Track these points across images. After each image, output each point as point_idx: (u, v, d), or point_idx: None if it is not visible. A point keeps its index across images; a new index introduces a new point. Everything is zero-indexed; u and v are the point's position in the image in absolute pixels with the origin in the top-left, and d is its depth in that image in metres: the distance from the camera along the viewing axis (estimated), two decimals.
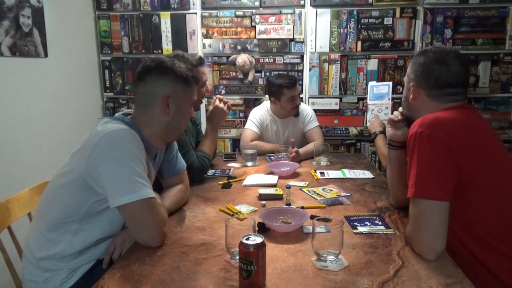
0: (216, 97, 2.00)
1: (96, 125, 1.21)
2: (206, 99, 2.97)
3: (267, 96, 2.57)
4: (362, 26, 2.84)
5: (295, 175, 1.92)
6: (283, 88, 2.37)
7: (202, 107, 2.92)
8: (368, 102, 2.16)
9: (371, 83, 2.18)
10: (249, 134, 2.46)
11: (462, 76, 1.22)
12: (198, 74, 1.83)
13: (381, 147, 1.97)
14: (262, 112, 2.53)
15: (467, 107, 1.22)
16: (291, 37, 2.89)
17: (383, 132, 2.05)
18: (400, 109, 1.42)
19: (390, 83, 2.12)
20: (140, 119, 1.27)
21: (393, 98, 2.03)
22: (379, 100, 2.11)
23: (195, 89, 1.35)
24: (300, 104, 2.49)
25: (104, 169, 1.10)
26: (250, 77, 2.96)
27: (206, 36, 2.95)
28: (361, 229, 1.25)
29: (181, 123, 1.34)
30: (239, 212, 1.42)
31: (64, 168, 1.21)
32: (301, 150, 2.25)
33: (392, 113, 1.42)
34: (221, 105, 1.97)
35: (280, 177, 1.86)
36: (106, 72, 3.05)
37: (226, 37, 2.94)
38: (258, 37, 2.90)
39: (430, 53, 1.25)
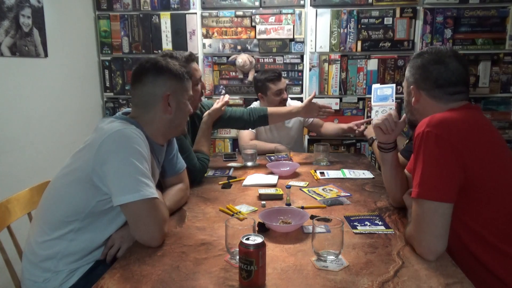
0: (225, 99, 2.03)
1: (101, 124, 1.22)
2: (206, 98, 2.97)
3: None
4: (362, 26, 2.84)
5: (295, 175, 1.92)
6: (268, 82, 2.40)
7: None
8: (372, 103, 2.17)
9: (374, 85, 2.18)
10: (246, 134, 2.47)
11: (462, 74, 1.21)
12: (191, 70, 1.84)
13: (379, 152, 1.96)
14: None
15: (472, 107, 1.22)
16: (291, 37, 2.89)
17: None
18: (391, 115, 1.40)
19: (394, 85, 2.13)
20: (141, 119, 1.29)
21: (396, 99, 2.03)
22: (383, 101, 2.12)
23: (190, 84, 1.40)
24: (287, 98, 2.51)
25: (109, 167, 1.11)
26: (250, 77, 2.96)
27: (206, 36, 2.95)
28: (361, 229, 1.25)
29: (183, 119, 1.38)
30: (239, 212, 1.42)
31: (68, 167, 1.22)
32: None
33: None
34: (218, 105, 2.01)
35: (280, 177, 1.86)
36: (106, 72, 3.05)
37: (226, 37, 2.94)
38: (258, 37, 2.91)
39: (427, 55, 1.25)
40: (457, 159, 1.06)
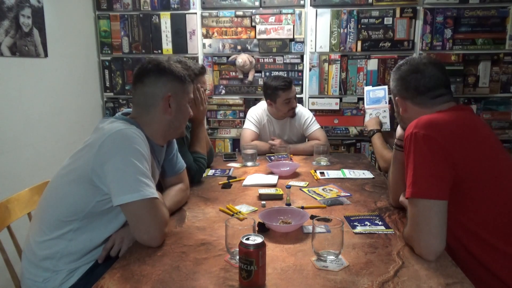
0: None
1: (101, 124, 1.23)
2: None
3: None
4: (362, 26, 2.84)
5: (295, 175, 1.92)
6: (278, 90, 2.37)
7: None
8: (366, 106, 2.17)
9: (366, 88, 2.19)
10: (248, 134, 2.46)
11: (439, 77, 1.26)
12: (199, 82, 1.83)
13: (379, 146, 1.97)
14: (259, 111, 2.54)
15: (462, 108, 1.24)
16: (291, 37, 2.89)
17: (380, 130, 2.06)
18: None
19: (386, 87, 2.13)
20: (141, 119, 1.29)
21: (390, 101, 2.04)
22: (376, 104, 2.12)
23: (192, 87, 1.40)
24: (296, 106, 2.49)
25: (109, 167, 1.11)
26: (250, 77, 2.96)
27: (206, 36, 2.95)
28: (361, 229, 1.25)
29: (182, 121, 1.38)
30: (239, 212, 1.42)
31: (68, 167, 1.22)
32: (293, 146, 2.38)
33: (389, 116, 1.44)
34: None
35: (280, 177, 1.86)
36: (106, 72, 3.05)
37: (226, 37, 2.94)
38: (258, 37, 2.90)
39: (403, 66, 1.32)
40: (446, 157, 1.08)
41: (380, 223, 1.30)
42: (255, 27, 2.90)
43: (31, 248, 1.22)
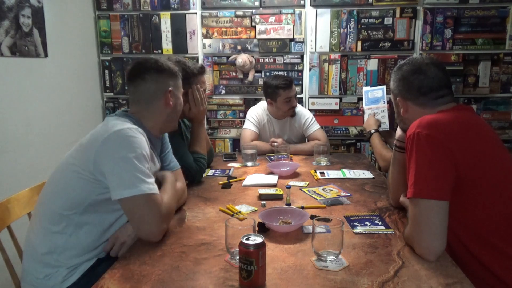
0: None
1: (106, 121, 1.27)
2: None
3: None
4: (362, 26, 2.84)
5: (295, 175, 1.92)
6: (279, 89, 2.37)
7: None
8: (364, 107, 2.17)
9: (364, 88, 2.20)
10: (248, 134, 2.46)
11: (441, 78, 1.25)
12: (199, 82, 1.83)
13: (377, 146, 1.97)
14: (259, 111, 2.54)
15: (463, 108, 1.24)
16: (291, 37, 2.89)
17: (378, 130, 2.06)
18: None
19: (384, 86, 2.13)
20: (141, 113, 1.35)
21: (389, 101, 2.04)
22: (374, 104, 2.12)
23: (181, 82, 1.47)
24: (296, 105, 2.49)
25: (109, 165, 1.15)
26: (250, 77, 2.96)
27: (206, 36, 2.95)
28: (361, 229, 1.25)
29: (178, 113, 1.46)
30: (239, 212, 1.42)
31: (68, 162, 1.24)
32: (293, 146, 2.39)
33: (388, 116, 1.43)
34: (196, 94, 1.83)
35: (280, 177, 1.86)
36: (106, 72, 3.05)
37: (226, 37, 2.94)
38: (258, 37, 2.90)
39: (405, 66, 1.32)
40: (449, 157, 1.07)
41: (380, 223, 1.30)
42: (255, 27, 2.90)
43: (32, 243, 1.23)
